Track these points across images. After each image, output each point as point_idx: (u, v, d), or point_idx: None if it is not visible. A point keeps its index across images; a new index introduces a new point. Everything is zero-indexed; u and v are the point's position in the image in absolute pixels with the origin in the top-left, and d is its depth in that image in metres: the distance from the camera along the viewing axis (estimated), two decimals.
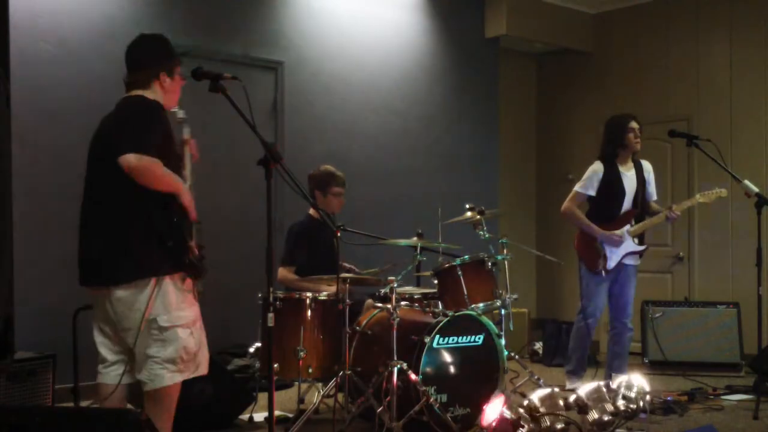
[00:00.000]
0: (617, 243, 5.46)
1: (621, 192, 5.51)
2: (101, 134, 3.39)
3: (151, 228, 3.24)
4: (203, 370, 3.47)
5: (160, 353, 3.28)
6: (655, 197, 5.70)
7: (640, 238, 5.56)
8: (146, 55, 3.46)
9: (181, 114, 3.58)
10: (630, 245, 5.51)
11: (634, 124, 5.55)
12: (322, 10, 6.57)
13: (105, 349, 3.42)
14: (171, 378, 3.31)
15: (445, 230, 5.44)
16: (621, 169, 5.55)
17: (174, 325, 3.29)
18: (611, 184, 5.51)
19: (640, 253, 5.60)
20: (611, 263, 5.47)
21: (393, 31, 7.05)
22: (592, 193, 5.54)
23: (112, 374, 3.41)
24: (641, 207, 5.58)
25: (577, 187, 5.61)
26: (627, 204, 5.54)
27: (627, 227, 5.50)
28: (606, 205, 5.54)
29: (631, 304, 5.60)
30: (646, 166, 5.67)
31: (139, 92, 3.39)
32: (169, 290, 3.27)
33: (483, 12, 7.70)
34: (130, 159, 3.12)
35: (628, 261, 5.55)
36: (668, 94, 7.67)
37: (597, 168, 5.55)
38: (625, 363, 5.61)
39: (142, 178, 3.16)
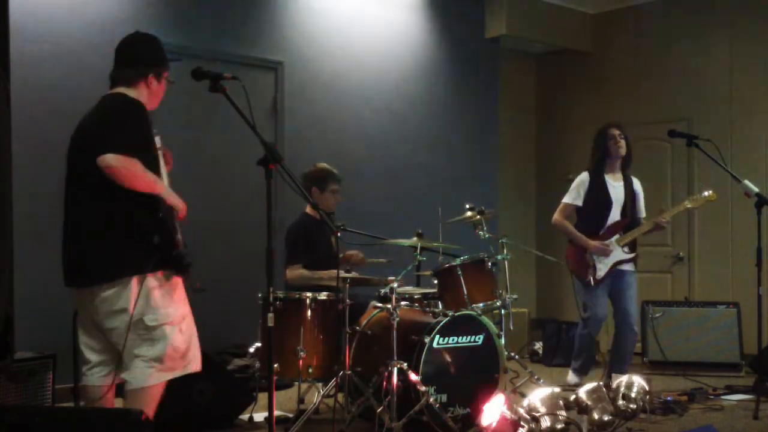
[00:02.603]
0: (606, 253, 5.54)
1: (608, 202, 5.59)
2: (81, 133, 3.38)
3: (132, 226, 3.22)
4: (194, 367, 3.43)
5: (149, 352, 3.25)
6: (643, 214, 5.76)
7: (631, 247, 5.63)
8: (138, 54, 3.44)
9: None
10: (619, 254, 5.59)
11: (613, 131, 5.62)
12: (322, 10, 6.57)
13: (88, 350, 3.41)
14: (157, 377, 3.27)
15: (445, 230, 5.44)
16: (609, 179, 5.64)
17: (161, 324, 3.26)
18: (598, 194, 5.60)
19: (633, 261, 5.66)
20: (600, 273, 5.56)
21: (393, 31, 7.05)
22: (579, 203, 5.65)
23: (96, 376, 3.39)
24: (631, 218, 5.64)
25: (564, 199, 5.72)
26: (615, 214, 5.61)
27: (615, 237, 5.57)
28: (594, 215, 5.62)
29: (633, 307, 5.64)
30: (636, 182, 5.77)
31: (122, 90, 3.38)
32: (153, 288, 3.24)
33: (483, 12, 7.70)
34: (108, 159, 3.13)
35: (623, 267, 5.61)
36: (668, 94, 7.67)
37: (583, 178, 5.67)
38: (626, 365, 5.63)
39: (120, 178, 3.16)
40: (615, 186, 5.64)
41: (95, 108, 3.39)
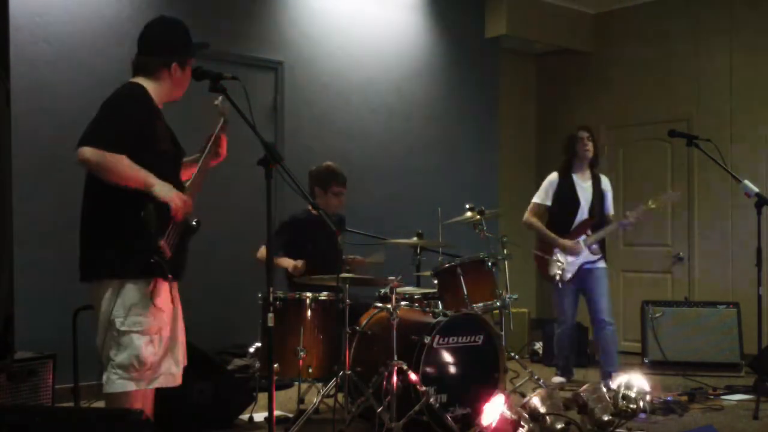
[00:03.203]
0: (574, 252, 5.66)
1: (575, 201, 5.75)
2: None
3: (119, 226, 3.10)
4: (165, 382, 3.25)
5: (115, 357, 3.13)
6: (611, 211, 5.89)
7: (601, 246, 5.75)
8: (162, 41, 3.28)
9: (224, 107, 3.35)
10: (585, 255, 5.71)
11: (582, 134, 5.81)
12: (322, 10, 6.57)
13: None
14: (122, 385, 3.13)
15: (445, 230, 5.44)
16: (577, 179, 5.81)
17: (130, 331, 3.11)
18: (566, 193, 5.78)
19: (603, 258, 5.78)
20: (568, 274, 5.70)
21: (393, 31, 7.05)
22: (548, 202, 5.84)
23: None
24: (598, 217, 5.77)
25: (534, 198, 5.91)
26: (582, 213, 5.75)
27: (583, 237, 5.69)
28: (562, 215, 5.79)
29: (604, 300, 5.73)
30: (605, 180, 5.93)
31: (141, 80, 3.25)
32: (131, 293, 3.11)
33: (483, 12, 7.70)
34: (84, 152, 3.01)
35: (591, 265, 5.73)
36: (668, 94, 7.67)
37: (552, 178, 5.87)
38: (612, 357, 5.73)
39: (98, 173, 3.05)
40: (583, 186, 5.81)
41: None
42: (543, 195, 5.86)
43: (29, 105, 5.03)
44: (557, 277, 5.70)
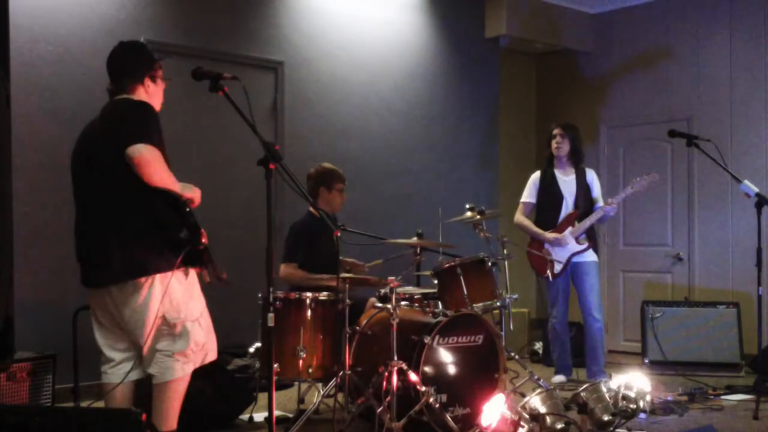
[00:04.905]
0: (560, 243, 5.77)
1: (558, 195, 5.87)
2: (91, 135, 3.39)
3: (153, 224, 3.26)
4: (212, 356, 3.52)
5: (171, 347, 3.34)
6: (601, 203, 5.94)
7: (589, 235, 5.84)
8: (128, 64, 3.49)
9: None
10: (573, 247, 5.80)
11: (555, 131, 5.96)
12: (322, 10, 6.57)
13: (111, 349, 3.44)
14: (182, 369, 3.36)
15: (445, 230, 5.44)
16: (558, 174, 5.94)
17: (182, 320, 3.33)
18: (548, 188, 5.92)
19: (594, 249, 5.86)
20: (558, 267, 5.80)
21: (393, 31, 7.05)
22: (533, 200, 6.00)
23: (119, 373, 3.42)
24: (585, 209, 5.86)
25: (521, 198, 6.05)
26: (567, 207, 5.87)
27: (569, 229, 5.78)
28: (547, 209, 5.92)
29: (593, 296, 5.81)
30: (590, 173, 6.03)
31: (126, 96, 3.43)
32: (174, 285, 3.29)
33: (483, 12, 7.70)
34: (140, 148, 3.14)
35: (581, 258, 5.81)
36: (668, 94, 7.67)
37: (534, 176, 6.05)
38: (598, 355, 5.80)
39: (146, 169, 3.17)
40: (566, 180, 5.91)
41: (106, 112, 3.41)
42: (527, 193, 6.02)
43: (29, 105, 5.03)
44: (548, 271, 5.78)
